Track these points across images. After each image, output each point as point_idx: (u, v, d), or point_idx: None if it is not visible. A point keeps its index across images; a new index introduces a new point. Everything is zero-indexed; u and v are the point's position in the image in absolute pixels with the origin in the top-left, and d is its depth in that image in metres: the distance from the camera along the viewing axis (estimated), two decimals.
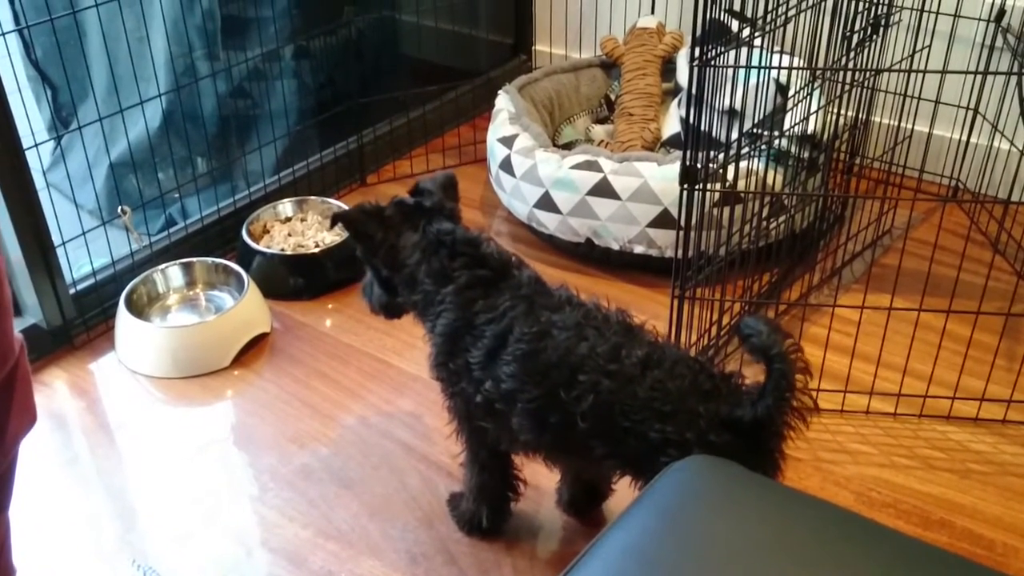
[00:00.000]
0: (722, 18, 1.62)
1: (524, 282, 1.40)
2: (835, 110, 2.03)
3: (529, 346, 1.32)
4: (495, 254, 1.42)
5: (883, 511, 1.64)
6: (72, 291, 2.03)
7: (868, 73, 2.06)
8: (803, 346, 1.23)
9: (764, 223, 2.04)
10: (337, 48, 2.61)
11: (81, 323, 2.05)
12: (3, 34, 1.79)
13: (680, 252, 1.71)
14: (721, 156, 1.79)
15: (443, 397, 1.48)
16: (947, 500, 1.66)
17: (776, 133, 2.04)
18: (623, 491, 1.58)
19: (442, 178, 1.51)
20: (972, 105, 2.29)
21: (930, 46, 2.16)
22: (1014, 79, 2.19)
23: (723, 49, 1.62)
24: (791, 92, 2.04)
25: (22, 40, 2.57)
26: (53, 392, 1.94)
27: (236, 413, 1.90)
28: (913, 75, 2.17)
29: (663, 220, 2.10)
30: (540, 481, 1.66)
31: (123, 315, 2.00)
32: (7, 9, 2.39)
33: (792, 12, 1.79)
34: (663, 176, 2.09)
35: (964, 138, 2.33)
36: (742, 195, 1.97)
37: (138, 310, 2.05)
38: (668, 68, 2.65)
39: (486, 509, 1.57)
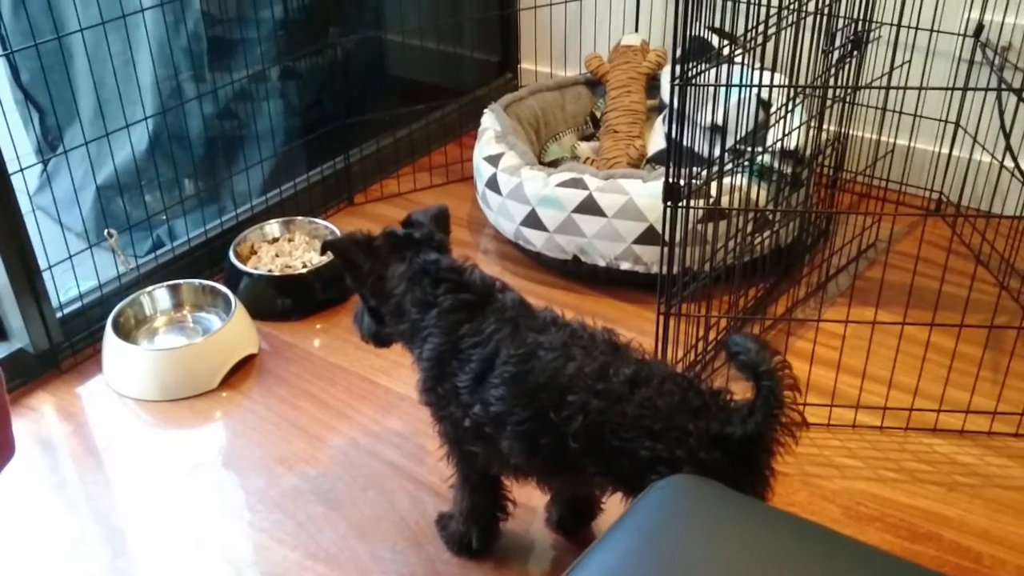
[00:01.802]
0: (704, 35, 1.63)
1: (508, 305, 1.40)
2: (817, 125, 2.05)
3: (516, 368, 1.33)
4: (478, 280, 1.43)
5: (870, 525, 1.64)
6: (59, 315, 2.03)
7: (849, 89, 2.08)
8: (789, 360, 1.24)
9: (749, 239, 2.05)
10: (323, 68, 2.62)
11: (68, 347, 2.05)
12: None
13: (665, 269, 1.72)
14: (705, 173, 1.81)
15: (433, 421, 1.48)
16: (934, 513, 1.67)
17: (759, 149, 2.05)
18: (612, 510, 1.58)
19: (434, 210, 1.52)
20: (953, 119, 2.31)
21: (910, 61, 2.19)
22: (993, 93, 2.21)
23: (705, 66, 1.64)
24: (773, 108, 2.06)
25: (8, 64, 2.57)
26: (40, 416, 1.93)
27: (224, 435, 1.89)
28: (894, 90, 2.19)
29: (649, 237, 2.11)
30: (529, 500, 1.66)
31: (110, 338, 2.00)
32: None
33: (773, 29, 1.81)
34: (648, 193, 2.10)
35: (946, 151, 2.35)
36: (726, 211, 1.98)
37: (125, 333, 2.05)
38: (653, 85, 2.67)
39: (476, 530, 1.56)
